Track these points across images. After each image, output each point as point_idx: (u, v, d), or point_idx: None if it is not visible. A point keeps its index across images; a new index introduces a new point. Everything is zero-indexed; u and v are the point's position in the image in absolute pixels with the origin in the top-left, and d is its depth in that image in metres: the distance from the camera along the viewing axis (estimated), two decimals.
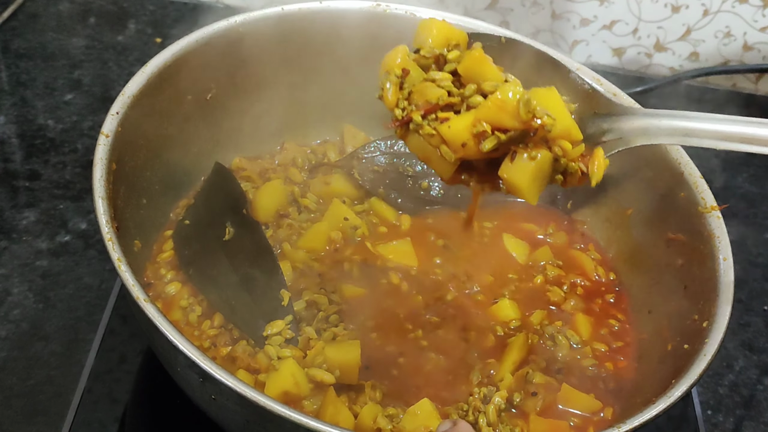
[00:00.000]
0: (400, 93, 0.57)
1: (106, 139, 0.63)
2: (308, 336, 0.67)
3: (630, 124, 0.55)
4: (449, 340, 0.71)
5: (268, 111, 0.85)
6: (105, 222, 0.58)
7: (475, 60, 0.55)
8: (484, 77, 0.55)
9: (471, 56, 0.56)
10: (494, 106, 0.52)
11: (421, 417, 0.61)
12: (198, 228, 0.75)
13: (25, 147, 0.93)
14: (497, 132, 0.53)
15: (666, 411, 0.54)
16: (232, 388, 0.49)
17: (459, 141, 0.54)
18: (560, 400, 0.66)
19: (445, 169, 0.57)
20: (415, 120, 0.56)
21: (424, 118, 0.56)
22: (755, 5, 1.10)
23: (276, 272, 0.71)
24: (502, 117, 0.52)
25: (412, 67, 0.57)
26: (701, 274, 0.67)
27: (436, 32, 0.58)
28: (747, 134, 0.49)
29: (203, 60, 0.76)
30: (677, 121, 0.53)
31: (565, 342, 0.72)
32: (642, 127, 0.55)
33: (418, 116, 0.56)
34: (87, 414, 0.69)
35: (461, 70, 0.56)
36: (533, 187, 0.54)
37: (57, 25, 1.12)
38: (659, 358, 0.68)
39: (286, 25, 0.80)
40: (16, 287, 0.78)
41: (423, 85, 0.56)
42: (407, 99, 0.57)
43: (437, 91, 0.55)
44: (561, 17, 1.14)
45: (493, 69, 0.55)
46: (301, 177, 0.84)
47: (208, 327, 0.68)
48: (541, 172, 0.54)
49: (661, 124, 0.54)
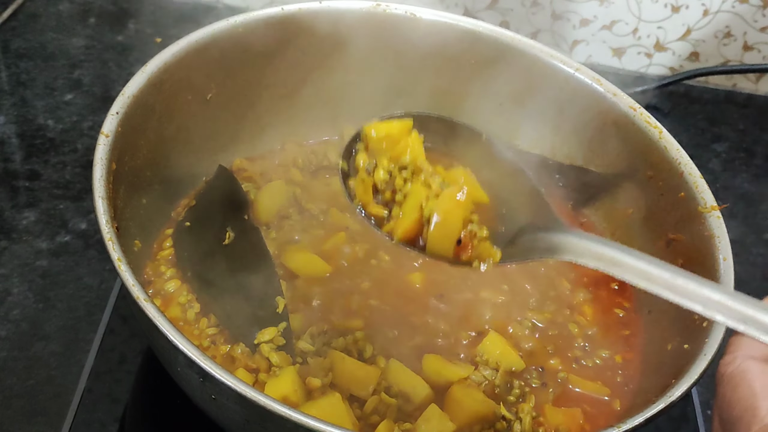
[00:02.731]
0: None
1: (106, 139, 0.63)
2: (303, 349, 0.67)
3: (561, 240, 0.57)
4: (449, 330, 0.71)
5: (268, 111, 0.85)
6: (105, 222, 0.58)
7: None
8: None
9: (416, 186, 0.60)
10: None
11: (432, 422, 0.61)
12: (198, 230, 0.75)
13: (25, 147, 0.93)
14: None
15: (666, 411, 0.54)
16: (232, 388, 0.49)
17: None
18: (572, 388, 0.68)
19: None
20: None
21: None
22: (755, 5, 1.11)
23: (273, 279, 0.70)
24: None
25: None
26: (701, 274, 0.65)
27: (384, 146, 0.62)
28: (670, 282, 0.49)
29: (203, 60, 0.76)
30: (607, 249, 0.53)
31: (576, 330, 0.72)
32: (572, 245, 0.56)
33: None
34: (87, 414, 0.69)
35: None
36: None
37: (57, 25, 1.12)
38: (659, 357, 0.68)
39: (286, 25, 0.80)
40: (16, 287, 0.78)
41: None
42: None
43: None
44: (561, 17, 1.14)
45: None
46: (302, 177, 0.84)
47: (206, 325, 0.68)
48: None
49: (591, 247, 0.55)
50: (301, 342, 0.67)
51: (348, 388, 0.64)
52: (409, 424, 0.62)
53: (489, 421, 0.64)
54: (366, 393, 0.64)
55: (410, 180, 0.60)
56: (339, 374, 0.64)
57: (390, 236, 0.59)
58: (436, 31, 0.83)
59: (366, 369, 0.65)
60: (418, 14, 0.82)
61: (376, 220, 0.60)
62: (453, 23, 0.83)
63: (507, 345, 0.69)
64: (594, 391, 0.68)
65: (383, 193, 0.61)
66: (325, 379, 0.64)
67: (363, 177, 0.61)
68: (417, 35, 0.83)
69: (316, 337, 0.68)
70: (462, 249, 0.58)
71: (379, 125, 0.63)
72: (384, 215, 0.60)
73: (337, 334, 0.69)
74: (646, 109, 0.77)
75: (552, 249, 0.56)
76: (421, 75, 0.85)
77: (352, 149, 0.63)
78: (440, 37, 0.83)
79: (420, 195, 0.58)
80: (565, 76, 0.81)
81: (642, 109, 0.77)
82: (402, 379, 0.65)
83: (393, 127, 0.62)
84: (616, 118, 0.78)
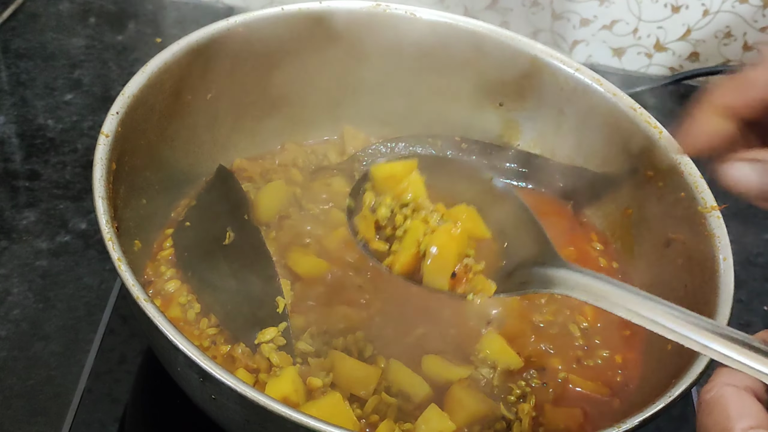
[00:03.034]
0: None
1: (106, 139, 0.63)
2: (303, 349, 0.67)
3: (555, 274, 0.58)
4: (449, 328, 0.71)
5: (268, 111, 0.85)
6: (105, 222, 0.58)
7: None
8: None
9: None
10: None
11: (432, 422, 0.62)
12: (198, 231, 0.75)
13: (25, 147, 0.93)
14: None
15: (666, 411, 0.54)
16: (232, 388, 0.49)
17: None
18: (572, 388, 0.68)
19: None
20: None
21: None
22: (755, 5, 1.10)
23: (273, 279, 0.70)
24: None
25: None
26: (701, 274, 0.67)
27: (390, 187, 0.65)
28: (656, 320, 0.50)
29: (203, 60, 0.75)
30: (598, 284, 0.55)
31: (576, 330, 0.72)
32: (564, 279, 0.57)
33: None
34: (87, 414, 0.69)
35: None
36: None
37: (57, 25, 1.12)
38: (659, 357, 0.68)
39: (286, 25, 0.80)
40: (16, 287, 0.78)
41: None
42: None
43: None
44: (561, 17, 1.14)
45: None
46: (302, 177, 0.84)
47: (207, 326, 0.68)
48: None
49: (582, 281, 0.56)
50: (301, 342, 0.67)
51: (349, 387, 0.64)
52: (410, 425, 0.62)
53: (489, 421, 0.64)
54: (367, 393, 0.64)
55: (410, 217, 0.62)
56: (340, 374, 0.64)
57: (389, 270, 0.62)
58: (436, 31, 0.83)
59: (367, 369, 0.65)
60: (418, 14, 0.82)
61: (378, 255, 0.63)
62: (453, 23, 0.83)
63: (505, 344, 0.69)
64: (594, 391, 0.69)
65: (385, 229, 0.63)
66: (326, 379, 0.64)
67: (366, 214, 0.64)
68: (417, 35, 0.83)
69: (316, 337, 0.68)
70: (457, 281, 0.61)
71: (383, 166, 0.66)
72: (385, 250, 0.63)
73: (337, 334, 0.69)
74: (646, 109, 0.77)
75: (546, 282, 0.58)
76: (421, 75, 0.85)
77: (360, 189, 0.66)
78: (440, 37, 0.83)
79: (418, 231, 0.61)
80: (565, 76, 0.81)
81: (642, 109, 0.77)
82: (402, 378, 0.65)
83: (396, 168, 0.65)
84: (616, 118, 0.78)
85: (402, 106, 0.87)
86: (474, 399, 0.64)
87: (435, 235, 0.61)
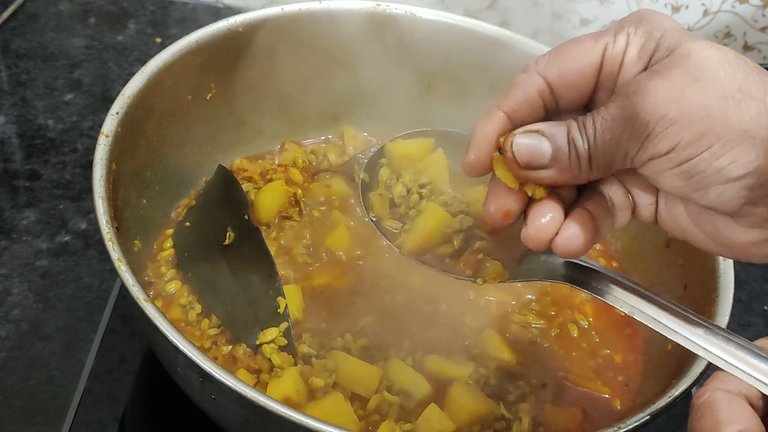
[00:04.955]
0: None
1: (106, 139, 0.63)
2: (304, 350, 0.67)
3: (559, 264, 0.57)
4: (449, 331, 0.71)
5: (268, 111, 0.85)
6: (105, 222, 0.58)
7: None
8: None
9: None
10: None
11: (432, 422, 0.62)
12: (198, 231, 0.75)
13: (25, 147, 0.93)
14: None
15: (666, 411, 0.54)
16: (232, 388, 0.49)
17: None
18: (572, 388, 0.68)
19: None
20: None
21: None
22: (755, 5, 1.11)
23: (274, 279, 0.70)
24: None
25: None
26: (701, 274, 0.67)
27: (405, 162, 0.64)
28: (656, 318, 0.49)
29: (203, 60, 0.76)
30: (600, 278, 0.54)
31: (577, 330, 0.72)
32: (566, 271, 0.56)
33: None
34: (87, 414, 0.69)
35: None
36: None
37: (57, 25, 1.12)
38: (659, 357, 0.68)
39: (286, 25, 0.80)
40: (16, 287, 0.79)
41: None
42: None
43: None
44: (561, 17, 1.14)
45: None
46: (302, 177, 0.84)
47: (208, 326, 0.68)
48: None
49: (587, 273, 0.55)
50: (302, 342, 0.67)
51: (351, 387, 0.64)
52: (410, 424, 0.62)
53: (489, 421, 0.64)
54: (369, 392, 0.64)
55: (427, 197, 0.62)
56: (342, 374, 0.64)
57: (399, 249, 0.60)
58: (436, 31, 0.83)
59: (369, 368, 0.65)
60: (418, 14, 0.82)
61: (388, 234, 0.62)
62: (453, 23, 0.83)
63: (503, 343, 0.69)
64: (594, 391, 0.69)
65: (399, 207, 0.62)
66: (329, 379, 0.64)
67: (381, 191, 0.63)
68: (417, 35, 0.83)
69: (317, 337, 0.68)
70: (456, 260, 0.59)
71: (400, 143, 0.65)
72: (397, 229, 0.62)
73: (338, 333, 0.69)
74: None
75: (552, 273, 0.57)
76: (421, 75, 0.86)
77: (375, 163, 0.65)
78: (440, 37, 0.83)
79: (432, 211, 0.60)
80: None
81: None
82: (403, 376, 0.65)
83: (412, 147, 0.64)
84: None
85: (402, 106, 0.87)
86: (474, 399, 0.64)
87: (427, 208, 0.61)
